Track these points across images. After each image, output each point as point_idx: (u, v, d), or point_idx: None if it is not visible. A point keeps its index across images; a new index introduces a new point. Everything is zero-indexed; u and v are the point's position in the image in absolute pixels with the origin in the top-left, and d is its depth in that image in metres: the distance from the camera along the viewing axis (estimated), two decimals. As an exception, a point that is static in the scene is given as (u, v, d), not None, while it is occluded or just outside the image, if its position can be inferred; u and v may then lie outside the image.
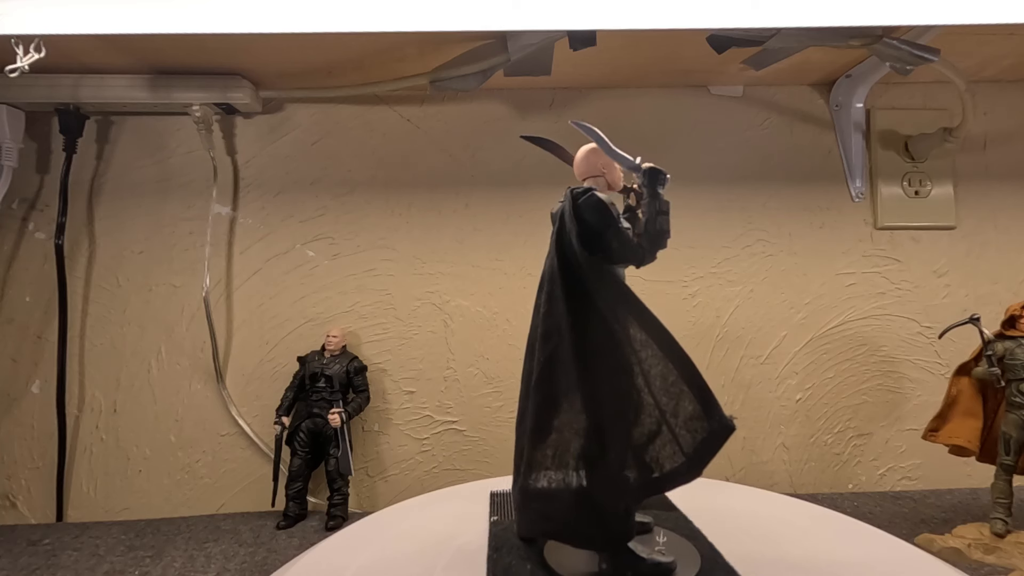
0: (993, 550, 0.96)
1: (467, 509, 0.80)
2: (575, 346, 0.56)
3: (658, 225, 0.57)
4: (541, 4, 0.87)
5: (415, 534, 0.74)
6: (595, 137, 0.61)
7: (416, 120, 1.35)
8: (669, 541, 0.62)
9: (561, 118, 1.36)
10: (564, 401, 0.57)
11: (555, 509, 0.57)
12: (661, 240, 0.57)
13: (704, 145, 1.36)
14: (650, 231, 0.57)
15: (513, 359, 1.30)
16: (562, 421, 0.57)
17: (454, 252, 1.33)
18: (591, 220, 0.57)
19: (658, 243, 0.57)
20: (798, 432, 1.33)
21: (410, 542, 0.72)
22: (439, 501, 0.88)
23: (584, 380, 0.55)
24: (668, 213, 0.57)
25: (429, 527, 0.76)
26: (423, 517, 0.82)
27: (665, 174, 0.58)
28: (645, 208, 0.57)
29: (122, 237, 1.30)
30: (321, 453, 1.21)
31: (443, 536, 0.72)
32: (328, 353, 1.23)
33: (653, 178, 0.57)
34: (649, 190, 0.57)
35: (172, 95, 1.21)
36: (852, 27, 0.95)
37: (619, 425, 0.54)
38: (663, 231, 0.57)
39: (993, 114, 1.39)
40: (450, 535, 0.72)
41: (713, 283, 1.34)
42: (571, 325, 0.56)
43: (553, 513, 0.58)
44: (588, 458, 0.55)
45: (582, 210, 0.57)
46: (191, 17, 0.86)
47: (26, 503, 1.26)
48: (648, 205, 0.57)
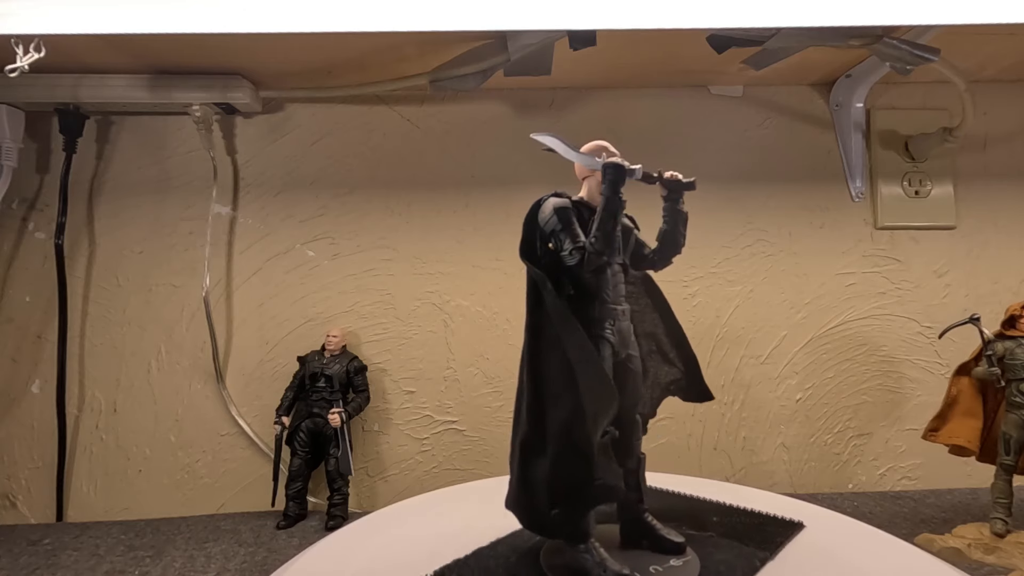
0: (993, 550, 0.96)
1: (467, 509, 0.81)
2: (524, 352, 0.60)
3: (602, 226, 0.56)
4: (541, 4, 0.87)
5: (414, 534, 0.74)
6: (553, 144, 0.61)
7: (416, 120, 1.35)
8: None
9: (561, 118, 1.36)
10: (519, 405, 0.62)
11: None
12: (609, 242, 0.57)
13: (704, 145, 1.36)
14: (596, 233, 0.57)
15: (513, 359, 1.29)
16: (517, 423, 0.61)
17: (454, 252, 1.33)
18: (525, 229, 0.60)
19: (606, 244, 0.57)
20: (798, 432, 1.33)
21: (409, 542, 0.72)
22: (439, 501, 0.88)
23: (519, 391, 0.61)
24: (615, 213, 0.56)
25: (428, 527, 0.76)
26: (422, 517, 0.82)
27: (627, 169, 0.57)
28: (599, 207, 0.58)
29: (122, 237, 1.30)
30: (321, 453, 1.21)
31: (443, 536, 0.72)
32: (328, 353, 1.23)
33: (607, 174, 0.57)
34: (604, 188, 0.57)
35: (172, 95, 1.21)
36: (852, 27, 0.95)
37: (531, 440, 0.59)
38: (607, 232, 0.56)
39: (993, 114, 1.38)
40: (449, 535, 0.72)
41: (713, 283, 1.34)
42: (526, 330, 0.60)
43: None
44: (521, 463, 0.60)
45: (526, 219, 0.60)
46: (191, 17, 0.86)
47: (26, 503, 1.26)
48: (601, 204, 0.57)
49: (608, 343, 0.61)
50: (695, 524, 0.72)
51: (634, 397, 0.65)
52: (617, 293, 0.62)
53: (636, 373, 0.65)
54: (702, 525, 0.72)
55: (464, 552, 0.67)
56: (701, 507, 0.79)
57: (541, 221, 0.60)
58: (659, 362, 0.71)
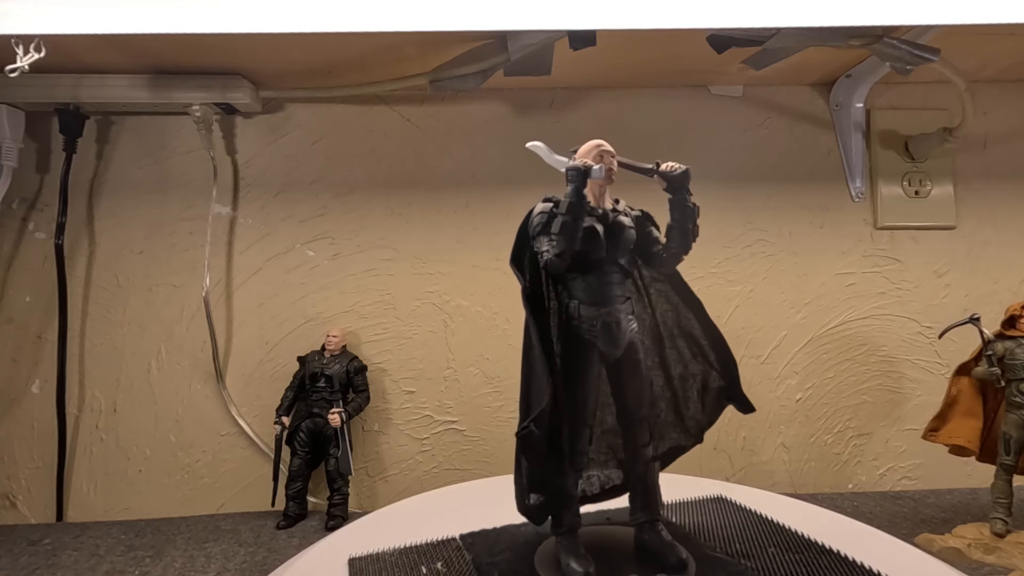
0: (993, 550, 0.96)
1: (467, 509, 0.81)
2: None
3: (561, 228, 0.58)
4: (541, 4, 0.87)
5: (414, 533, 0.74)
6: (539, 151, 0.62)
7: (416, 120, 1.35)
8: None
9: (561, 118, 1.36)
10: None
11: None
12: (570, 243, 0.58)
13: (704, 145, 1.36)
14: (555, 235, 0.58)
15: (513, 359, 1.29)
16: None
17: (454, 252, 1.33)
18: (517, 235, 0.63)
19: (566, 245, 0.58)
20: (798, 432, 1.33)
21: (409, 541, 0.72)
22: (438, 501, 0.89)
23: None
24: (567, 215, 0.57)
25: (428, 526, 0.76)
26: (422, 517, 0.82)
27: (583, 170, 0.57)
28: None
29: (122, 237, 1.30)
30: (321, 453, 1.21)
31: (442, 535, 0.72)
32: (328, 353, 1.23)
33: (568, 177, 0.58)
34: (568, 191, 0.58)
35: (172, 95, 1.21)
36: (852, 27, 0.95)
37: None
38: (567, 234, 0.57)
39: (993, 114, 1.38)
40: (449, 534, 0.72)
41: (713, 283, 1.34)
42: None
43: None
44: (516, 452, 0.61)
45: (520, 226, 0.63)
46: (191, 17, 0.86)
47: (26, 503, 1.26)
48: (562, 206, 0.59)
49: (591, 343, 0.61)
50: (746, 551, 0.65)
51: (636, 399, 0.64)
52: (605, 294, 0.62)
53: (637, 374, 0.63)
54: (749, 553, 0.65)
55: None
56: (771, 533, 0.70)
57: (529, 226, 0.62)
58: (705, 366, 0.70)
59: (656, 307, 0.69)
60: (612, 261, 0.63)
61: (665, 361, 0.69)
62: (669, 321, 0.69)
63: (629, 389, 0.63)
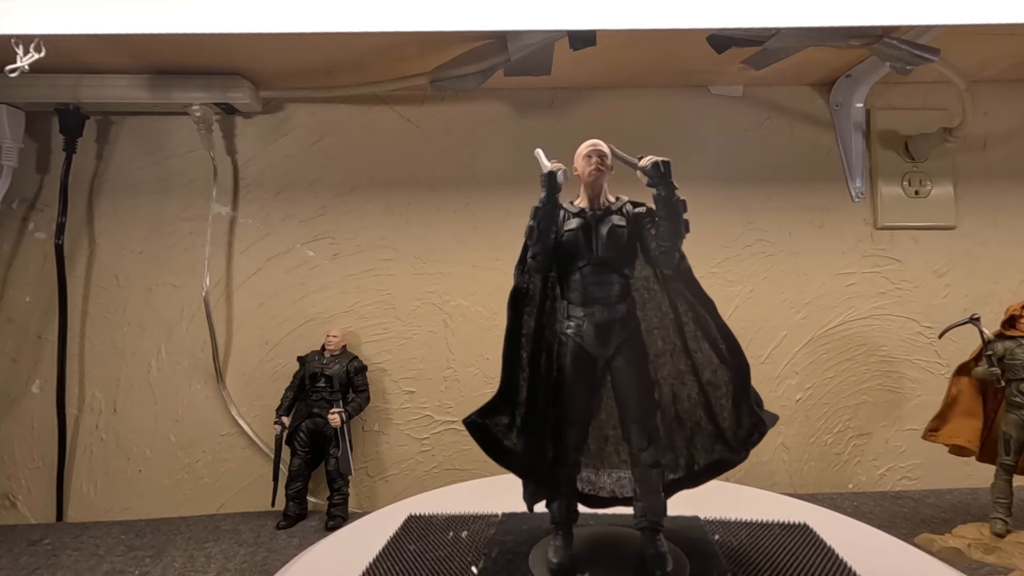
0: (993, 550, 0.96)
1: (466, 509, 0.81)
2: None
3: (529, 233, 0.61)
4: (541, 4, 0.87)
5: (477, 505, 0.75)
6: (538, 158, 0.63)
7: (416, 120, 1.35)
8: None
9: (561, 118, 1.36)
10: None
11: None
12: (542, 245, 0.60)
13: (704, 145, 1.36)
14: (527, 238, 0.61)
15: (513, 359, 1.30)
16: None
17: (454, 252, 1.33)
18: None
19: (538, 247, 0.61)
20: (798, 432, 1.33)
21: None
22: (438, 501, 0.89)
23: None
24: (532, 219, 0.60)
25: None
26: (490, 492, 0.83)
27: (553, 174, 0.60)
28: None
29: (122, 237, 1.30)
30: (321, 453, 1.21)
31: (491, 511, 0.74)
32: (328, 353, 1.23)
33: (541, 182, 0.61)
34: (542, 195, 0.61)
35: (172, 95, 1.21)
36: (852, 27, 0.95)
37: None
38: (537, 235, 0.60)
39: (993, 114, 1.38)
40: (500, 510, 0.74)
41: (713, 283, 1.34)
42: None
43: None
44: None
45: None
46: (191, 17, 0.86)
47: (26, 503, 1.26)
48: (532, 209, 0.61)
49: (571, 341, 0.62)
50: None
51: (625, 402, 0.62)
52: (588, 295, 0.61)
53: (628, 377, 0.61)
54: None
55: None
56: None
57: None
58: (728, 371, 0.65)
59: (678, 306, 0.65)
60: (601, 261, 0.62)
61: (695, 366, 0.65)
62: (691, 322, 0.64)
63: (619, 392, 0.62)
